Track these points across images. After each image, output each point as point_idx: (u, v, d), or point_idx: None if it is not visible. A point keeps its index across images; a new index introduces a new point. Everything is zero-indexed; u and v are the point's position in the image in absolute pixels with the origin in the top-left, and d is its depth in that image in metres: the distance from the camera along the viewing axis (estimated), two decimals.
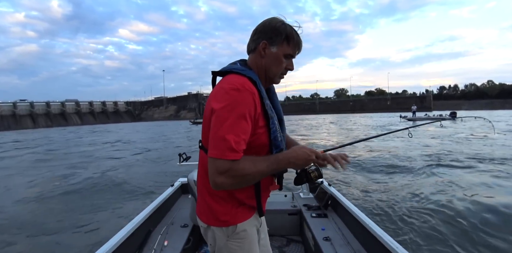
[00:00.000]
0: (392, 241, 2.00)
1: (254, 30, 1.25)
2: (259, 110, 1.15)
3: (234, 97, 1.08)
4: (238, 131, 1.07)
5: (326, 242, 2.40)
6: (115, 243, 2.03)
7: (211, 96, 1.17)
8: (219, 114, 1.08)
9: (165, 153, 13.82)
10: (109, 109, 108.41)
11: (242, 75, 1.16)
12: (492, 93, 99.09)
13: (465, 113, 49.11)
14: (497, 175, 6.91)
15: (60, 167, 10.86)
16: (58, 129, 63.90)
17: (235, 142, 1.05)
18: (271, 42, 1.21)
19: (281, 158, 1.15)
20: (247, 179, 1.10)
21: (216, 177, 1.06)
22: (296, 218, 3.16)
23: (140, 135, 29.39)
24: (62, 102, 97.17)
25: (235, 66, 1.24)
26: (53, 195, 6.82)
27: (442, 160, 8.99)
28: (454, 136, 15.62)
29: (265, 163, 1.11)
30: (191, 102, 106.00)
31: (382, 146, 12.44)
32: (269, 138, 1.20)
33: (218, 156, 1.04)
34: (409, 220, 4.44)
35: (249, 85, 1.13)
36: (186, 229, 2.73)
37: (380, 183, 6.72)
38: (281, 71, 1.27)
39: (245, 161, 1.08)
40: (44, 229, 4.75)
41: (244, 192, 1.25)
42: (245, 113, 1.08)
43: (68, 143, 22.53)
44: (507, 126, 20.72)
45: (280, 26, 1.21)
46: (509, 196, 5.33)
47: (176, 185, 3.64)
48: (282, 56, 1.24)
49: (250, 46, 1.26)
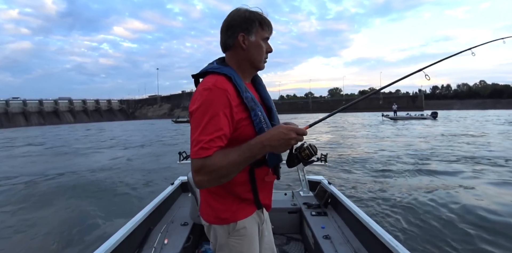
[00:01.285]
0: (392, 239, 2.00)
1: (225, 26, 1.24)
2: (237, 104, 1.15)
3: (205, 97, 1.10)
4: (210, 130, 1.07)
5: (326, 240, 2.42)
6: (116, 241, 2.05)
7: (191, 98, 1.19)
8: (194, 116, 1.11)
9: (161, 150, 14.10)
10: (103, 108, 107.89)
11: (217, 73, 1.18)
12: (484, 93, 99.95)
13: (457, 112, 49.71)
14: (495, 175, 7.06)
15: (57, 165, 10.87)
16: (51, 127, 63.56)
17: (206, 141, 1.06)
18: (248, 32, 1.22)
19: (253, 142, 1.09)
20: (222, 172, 1.07)
21: (194, 176, 1.07)
22: (296, 216, 3.19)
23: (134, 133, 29.51)
24: (55, 100, 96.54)
25: (211, 66, 1.25)
26: (50, 193, 6.83)
27: (438, 157, 9.29)
28: (445, 134, 16.07)
29: (237, 152, 1.07)
30: (185, 101, 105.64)
31: (380, 144, 12.85)
32: (254, 129, 1.19)
33: (192, 156, 1.07)
34: (408, 218, 4.48)
35: (221, 83, 1.13)
36: (186, 227, 2.74)
37: (379, 181, 6.77)
38: (264, 55, 1.30)
39: (216, 155, 1.06)
40: (43, 228, 4.76)
41: (240, 186, 1.25)
42: (218, 112, 1.09)
43: (63, 142, 22.61)
44: (493, 125, 21.20)
45: (250, 14, 1.22)
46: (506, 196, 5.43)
47: (176, 184, 3.67)
48: (261, 42, 1.26)
49: (226, 43, 1.25)
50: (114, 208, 5.65)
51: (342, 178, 7.10)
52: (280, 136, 1.08)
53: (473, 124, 23.16)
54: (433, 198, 5.29)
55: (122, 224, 2.39)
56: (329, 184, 3.33)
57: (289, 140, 1.09)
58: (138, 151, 14.38)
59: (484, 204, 4.91)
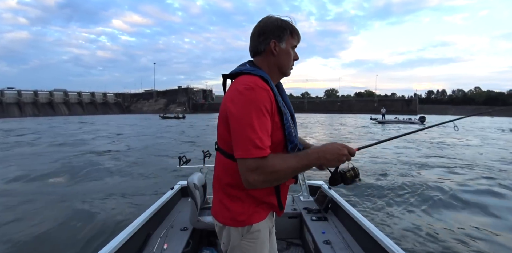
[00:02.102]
0: (393, 244, 2.00)
1: (257, 32, 1.29)
2: (274, 107, 1.18)
3: (249, 96, 1.11)
4: (259, 128, 1.09)
5: (326, 245, 2.41)
6: (115, 246, 2.03)
7: (227, 99, 1.20)
8: (238, 115, 1.11)
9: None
10: (98, 100, 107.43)
11: (253, 75, 1.20)
12: (479, 99, 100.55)
13: (452, 118, 49.70)
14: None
15: (53, 164, 10.54)
16: (45, 118, 63.22)
17: (259, 139, 1.08)
18: (279, 39, 1.28)
19: (310, 152, 1.15)
20: (279, 175, 1.10)
21: (247, 175, 1.08)
22: (296, 221, 3.17)
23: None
24: (50, 92, 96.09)
25: (244, 67, 1.28)
26: (47, 196, 6.65)
27: (440, 162, 9.42)
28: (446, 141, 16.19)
29: (295, 159, 1.13)
30: (181, 96, 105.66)
31: (379, 150, 12.88)
32: (283, 133, 1.23)
33: (245, 156, 1.07)
34: (410, 224, 4.44)
35: (261, 83, 1.16)
36: (186, 232, 2.72)
37: (379, 186, 6.76)
38: (292, 62, 1.36)
39: (274, 157, 1.10)
40: (41, 232, 4.66)
41: (264, 189, 1.26)
42: (263, 110, 1.11)
43: (57, 135, 22.45)
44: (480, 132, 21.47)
45: (282, 23, 1.28)
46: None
47: (176, 188, 3.64)
48: (290, 49, 1.32)
49: (257, 48, 1.30)
50: (113, 212, 5.60)
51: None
52: (335, 151, 1.16)
53: (459, 130, 23.29)
54: (435, 202, 5.30)
55: (121, 228, 2.38)
56: (329, 189, 3.31)
57: (342, 156, 1.17)
58: (136, 150, 14.24)
59: (491, 207, 4.94)
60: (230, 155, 1.22)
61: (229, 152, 1.23)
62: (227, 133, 1.20)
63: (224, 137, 1.24)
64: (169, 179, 7.99)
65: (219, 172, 1.33)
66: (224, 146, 1.27)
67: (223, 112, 1.22)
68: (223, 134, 1.25)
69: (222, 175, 1.31)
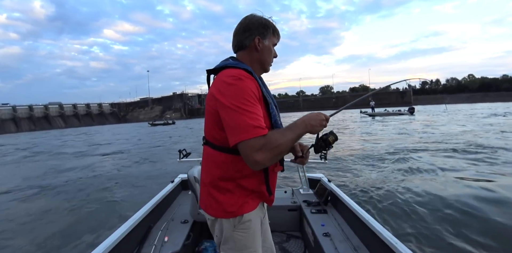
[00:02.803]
0: (391, 236, 2.01)
1: (242, 28, 1.35)
2: (260, 96, 1.25)
3: (238, 86, 1.16)
4: (256, 113, 1.15)
5: (325, 237, 2.42)
6: (116, 239, 2.05)
7: (214, 91, 1.23)
8: (230, 104, 1.14)
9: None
10: (94, 111, 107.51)
11: (237, 68, 1.25)
12: (473, 87, 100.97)
13: (447, 106, 50.15)
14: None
15: (55, 165, 11.02)
16: (42, 132, 63.16)
17: (256, 120, 1.13)
18: (263, 36, 1.35)
19: (298, 122, 1.24)
20: (282, 148, 1.15)
21: (254, 155, 1.10)
22: (296, 214, 3.16)
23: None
24: (45, 105, 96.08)
25: (228, 62, 1.34)
26: (51, 193, 6.95)
27: (436, 151, 9.36)
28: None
29: (290, 131, 1.19)
30: (176, 102, 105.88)
31: (377, 140, 13.00)
32: (270, 122, 1.28)
33: (248, 137, 1.10)
34: (408, 216, 4.47)
35: (247, 74, 1.22)
36: (186, 225, 2.73)
37: (379, 178, 6.74)
38: (272, 59, 1.44)
39: (273, 133, 1.16)
40: (44, 226, 4.81)
41: (252, 178, 1.31)
42: (253, 97, 1.17)
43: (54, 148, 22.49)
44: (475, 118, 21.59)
45: (266, 21, 1.37)
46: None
47: (176, 181, 3.66)
48: (272, 47, 1.41)
49: (242, 43, 1.36)
50: (114, 206, 5.67)
51: (342, 175, 7.07)
52: (316, 117, 1.27)
53: (445, 118, 23.50)
54: (434, 195, 5.27)
55: (122, 221, 2.40)
56: (329, 182, 3.32)
57: (322, 121, 1.28)
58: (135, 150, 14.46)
59: (493, 200, 4.82)
60: (220, 147, 1.28)
61: (218, 144, 1.28)
62: (216, 125, 1.24)
63: (212, 130, 1.28)
64: (170, 172, 8.16)
65: (208, 165, 1.35)
66: (212, 139, 1.31)
67: (210, 106, 1.25)
68: (211, 127, 1.28)
69: (211, 168, 1.33)
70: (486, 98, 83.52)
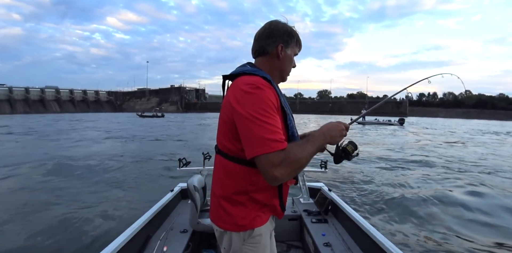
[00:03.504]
0: (393, 246, 1.98)
1: (267, 34, 1.30)
2: (279, 106, 1.19)
3: (256, 95, 1.11)
4: (275, 125, 1.09)
5: (326, 247, 2.39)
6: (114, 249, 2.02)
7: (230, 99, 1.17)
8: (247, 114, 1.09)
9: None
10: (90, 98, 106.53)
11: (255, 75, 1.20)
12: (469, 103, 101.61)
13: (442, 120, 50.46)
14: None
15: (49, 166, 10.10)
16: (37, 115, 62.64)
17: (276, 133, 1.08)
18: (286, 45, 1.31)
19: (317, 134, 1.20)
20: (302, 162, 1.10)
21: (273, 171, 1.05)
22: (296, 223, 3.14)
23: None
24: (42, 89, 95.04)
25: (246, 68, 1.29)
26: (45, 199, 6.50)
27: (438, 162, 9.56)
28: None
29: (309, 144, 1.15)
30: (174, 95, 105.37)
31: (376, 147, 13.17)
32: (287, 134, 1.22)
33: (266, 151, 1.05)
34: (410, 226, 4.42)
35: (265, 82, 1.17)
36: (186, 234, 2.70)
37: (380, 187, 6.72)
38: (291, 69, 1.40)
39: (292, 147, 1.10)
40: (39, 235, 4.62)
41: (267, 192, 1.26)
42: (272, 108, 1.11)
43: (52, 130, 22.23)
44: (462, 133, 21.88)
45: (292, 30, 1.33)
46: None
47: (175, 190, 3.62)
48: (293, 56, 1.37)
49: (264, 49, 1.31)
50: (113, 214, 5.55)
51: (342, 184, 7.04)
52: (335, 127, 1.24)
53: (434, 132, 23.81)
54: (435, 204, 5.31)
55: (121, 231, 2.38)
56: (329, 191, 3.32)
57: (342, 131, 1.25)
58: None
59: (489, 212, 4.91)
60: (232, 157, 1.23)
61: (231, 154, 1.23)
62: (231, 135, 1.19)
63: (226, 139, 1.23)
64: (169, 181, 7.97)
65: (220, 176, 1.31)
66: (225, 148, 1.25)
67: (226, 114, 1.20)
68: (225, 136, 1.23)
69: (223, 179, 1.29)
70: (482, 115, 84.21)
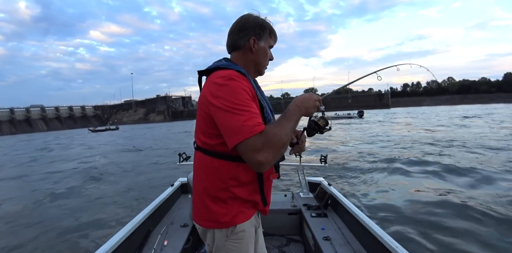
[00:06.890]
0: (392, 240, 1.99)
1: (238, 28, 1.28)
2: (254, 96, 1.17)
3: (230, 86, 1.09)
4: (248, 110, 1.06)
5: (326, 241, 2.39)
6: (115, 243, 2.03)
7: (205, 94, 1.16)
8: (222, 106, 1.07)
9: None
10: (77, 114, 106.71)
11: (229, 69, 1.18)
12: (452, 89, 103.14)
13: (427, 109, 51.01)
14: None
15: (50, 170, 11.17)
16: (23, 135, 62.69)
17: (252, 119, 1.05)
18: (259, 37, 1.28)
19: (291, 108, 1.17)
20: (284, 140, 1.07)
21: (257, 156, 1.02)
22: (296, 217, 3.14)
23: None
24: (27, 108, 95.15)
25: (220, 63, 1.27)
26: (49, 196, 7.00)
27: (432, 155, 9.51)
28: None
29: (285, 120, 1.13)
30: (160, 105, 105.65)
31: (376, 144, 13.19)
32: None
33: (246, 136, 1.02)
34: (409, 220, 4.44)
35: (239, 74, 1.15)
36: (186, 228, 2.71)
37: (379, 182, 6.73)
38: (267, 62, 1.36)
39: (270, 127, 1.07)
40: (43, 229, 4.82)
41: (247, 186, 1.23)
42: (246, 96, 1.09)
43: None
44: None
45: (263, 21, 1.29)
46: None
47: (176, 185, 3.62)
48: (268, 49, 1.33)
49: (236, 43, 1.28)
50: (114, 209, 5.64)
51: (342, 179, 7.06)
52: (308, 98, 1.22)
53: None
54: (434, 198, 5.30)
55: (121, 225, 2.39)
56: (329, 185, 3.29)
57: (315, 101, 1.23)
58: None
59: (487, 205, 4.84)
60: (211, 152, 1.21)
61: (211, 150, 1.21)
62: (208, 129, 1.18)
63: (204, 134, 1.22)
64: (169, 175, 8.28)
65: (200, 172, 1.28)
66: (204, 144, 1.23)
67: (202, 109, 1.19)
68: (202, 131, 1.22)
69: (203, 175, 1.26)
70: (465, 100, 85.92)
